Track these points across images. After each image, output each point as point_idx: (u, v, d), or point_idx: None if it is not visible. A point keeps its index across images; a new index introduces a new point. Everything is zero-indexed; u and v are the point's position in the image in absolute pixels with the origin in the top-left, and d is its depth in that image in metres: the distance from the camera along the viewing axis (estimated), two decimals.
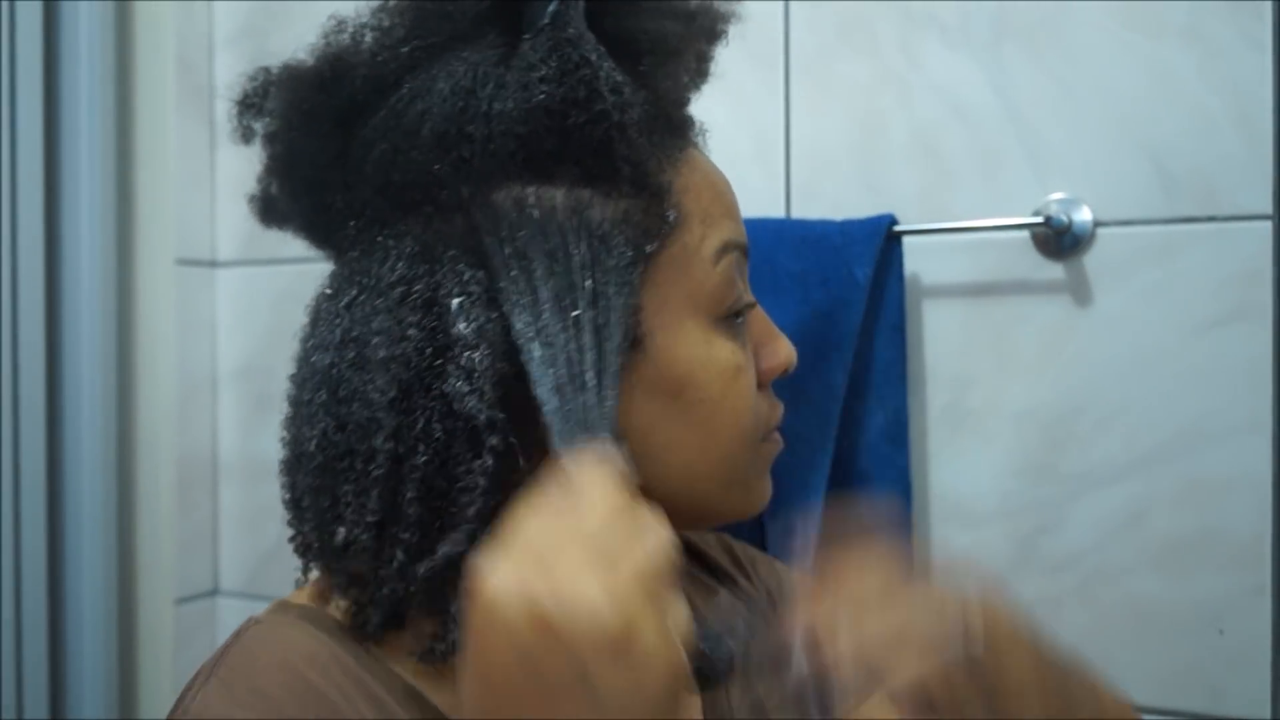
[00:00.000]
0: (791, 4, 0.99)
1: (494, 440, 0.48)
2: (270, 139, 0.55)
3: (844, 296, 0.90)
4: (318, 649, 0.50)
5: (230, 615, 1.28)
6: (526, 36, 0.50)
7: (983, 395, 0.93)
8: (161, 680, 1.24)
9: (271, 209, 0.57)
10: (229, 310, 1.29)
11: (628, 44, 0.53)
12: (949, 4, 0.93)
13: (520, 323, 0.48)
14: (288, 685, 0.48)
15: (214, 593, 1.29)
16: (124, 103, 1.23)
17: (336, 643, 0.51)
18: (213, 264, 1.29)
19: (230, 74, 1.27)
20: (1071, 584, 0.90)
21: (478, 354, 0.48)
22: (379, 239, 0.52)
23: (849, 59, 0.97)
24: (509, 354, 0.48)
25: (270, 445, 1.33)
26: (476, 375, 0.48)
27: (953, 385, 0.94)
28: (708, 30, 0.57)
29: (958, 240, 0.93)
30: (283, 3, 1.23)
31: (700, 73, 0.58)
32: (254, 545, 1.27)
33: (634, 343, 0.50)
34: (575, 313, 0.48)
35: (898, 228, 0.92)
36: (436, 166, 0.50)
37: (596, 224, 0.49)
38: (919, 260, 0.94)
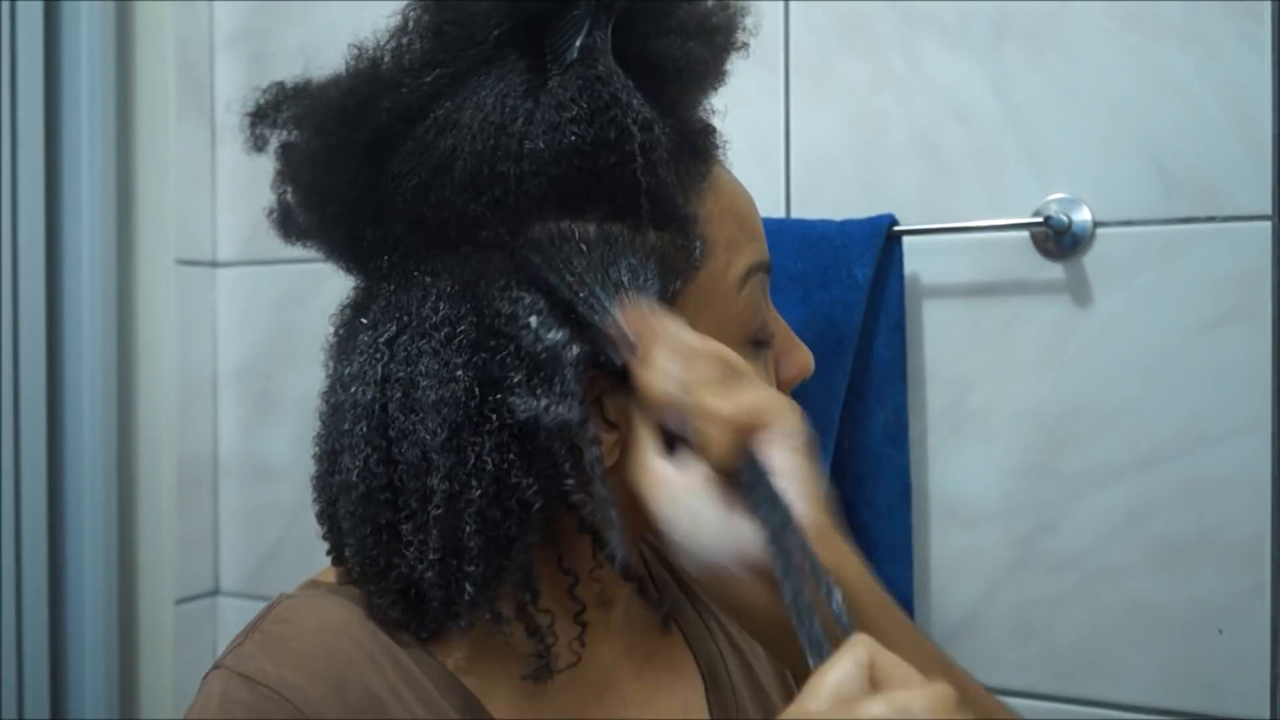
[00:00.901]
0: (791, 4, 0.99)
1: (589, 438, 0.49)
2: (288, 150, 0.55)
3: (844, 297, 0.90)
4: (350, 618, 0.52)
5: (230, 615, 1.28)
6: (554, 72, 0.51)
7: (983, 395, 0.93)
8: (161, 680, 1.24)
9: (291, 222, 0.57)
10: (229, 310, 1.29)
11: (654, 71, 0.53)
12: (949, 4, 0.93)
13: (604, 331, 0.49)
14: (323, 646, 0.50)
15: (214, 593, 1.29)
16: (124, 103, 1.24)
17: (369, 617, 0.52)
18: (213, 264, 1.29)
19: (230, 74, 1.29)
20: (1071, 584, 0.90)
21: (571, 354, 0.49)
22: (415, 274, 0.52)
23: (849, 59, 0.97)
24: (595, 359, 0.50)
25: (271, 445, 1.34)
26: (571, 378, 0.48)
27: (953, 385, 0.94)
28: (725, 44, 0.57)
29: (958, 240, 0.93)
30: (283, 3, 1.23)
31: (719, 77, 0.58)
32: (254, 545, 1.27)
33: None
34: None
35: (898, 228, 0.92)
36: (471, 206, 0.50)
37: (634, 255, 0.50)
38: (919, 260, 0.94)
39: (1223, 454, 0.85)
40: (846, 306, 0.90)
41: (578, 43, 0.50)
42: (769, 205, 1.00)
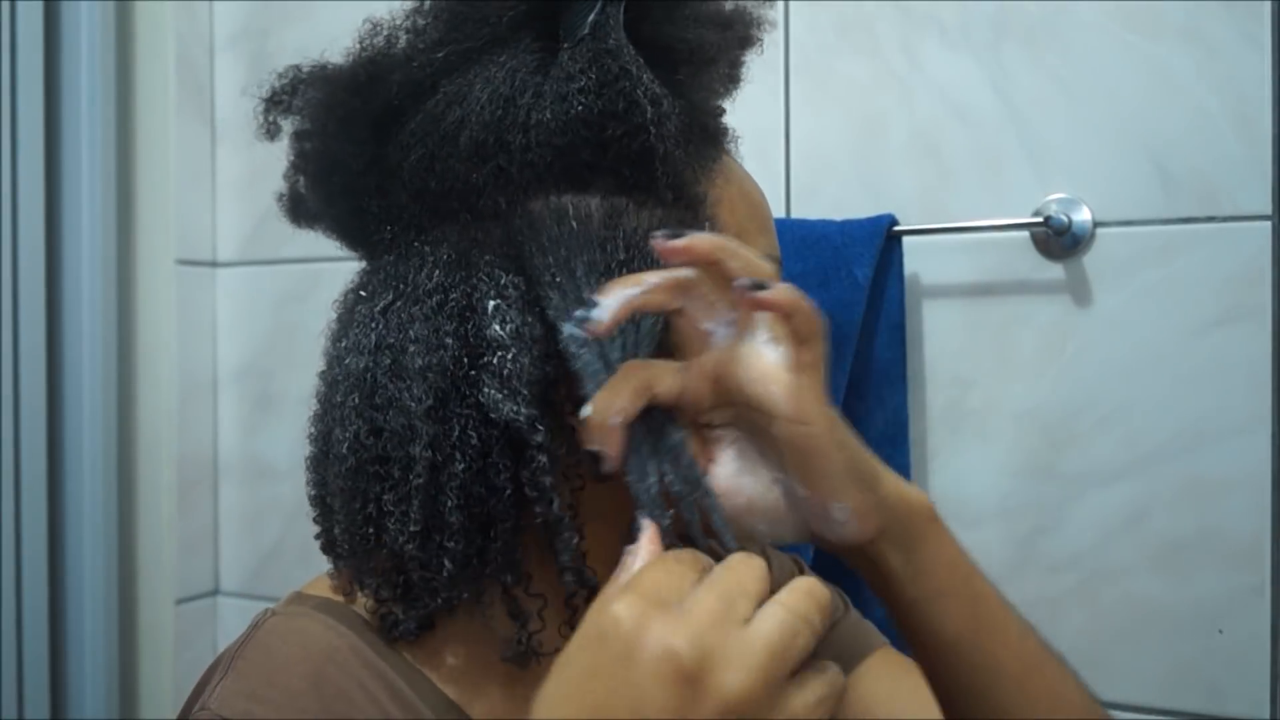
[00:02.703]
0: (791, 4, 0.99)
1: (539, 439, 0.48)
2: (300, 137, 0.55)
3: (844, 297, 0.90)
4: (337, 642, 0.50)
5: (230, 615, 1.28)
6: (565, 46, 0.51)
7: (983, 395, 0.93)
8: (161, 680, 1.24)
9: (301, 207, 0.57)
10: (229, 310, 1.29)
11: (665, 52, 0.53)
12: (949, 4, 0.93)
13: (559, 319, 0.48)
14: (306, 678, 0.48)
15: (214, 593, 1.29)
16: (124, 103, 1.23)
17: (358, 636, 0.51)
18: (213, 264, 1.29)
19: (230, 74, 1.29)
20: (1071, 584, 0.90)
21: (510, 355, 0.48)
22: (415, 244, 0.52)
23: (849, 59, 0.97)
24: (546, 357, 0.48)
25: (270, 445, 1.34)
26: (512, 378, 0.48)
27: (953, 385, 0.94)
28: (742, 37, 0.57)
29: (958, 240, 0.93)
30: (283, 3, 1.23)
31: (733, 79, 0.58)
32: (254, 545, 1.27)
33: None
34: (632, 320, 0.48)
35: (898, 228, 0.92)
36: (474, 175, 0.50)
37: (633, 232, 0.49)
38: (919, 260, 0.94)
39: (1223, 454, 0.85)
40: (846, 306, 0.90)
41: (590, 19, 0.50)
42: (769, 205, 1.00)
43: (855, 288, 0.90)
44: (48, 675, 1.15)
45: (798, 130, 1.00)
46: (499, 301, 0.49)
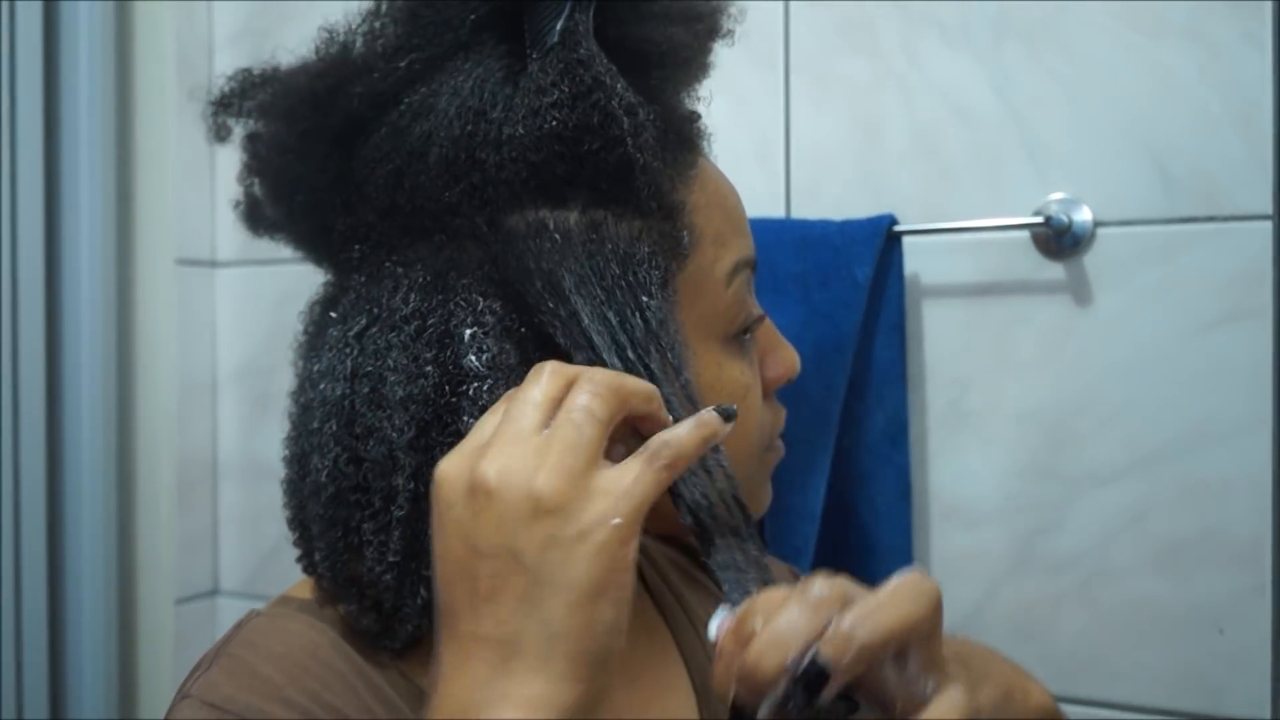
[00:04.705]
0: (791, 4, 0.99)
1: None
2: (254, 140, 0.53)
3: (844, 297, 0.90)
4: (319, 639, 0.50)
5: (230, 615, 1.28)
6: (534, 55, 0.49)
7: (983, 395, 0.93)
8: (161, 680, 1.24)
9: (259, 215, 0.55)
10: (229, 310, 1.29)
11: (636, 56, 0.51)
12: (949, 4, 0.93)
13: (566, 340, 0.47)
14: (289, 672, 0.48)
15: (214, 593, 1.29)
16: (124, 103, 1.23)
17: (341, 636, 0.51)
18: (213, 264, 1.29)
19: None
20: (1071, 584, 0.90)
21: (487, 386, 0.47)
22: (386, 265, 0.50)
23: (849, 59, 0.97)
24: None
25: (271, 445, 1.33)
26: (487, 409, 0.47)
27: (953, 385, 0.94)
28: (710, 29, 0.55)
29: (958, 240, 0.93)
30: (282, 3, 1.23)
31: (703, 69, 0.57)
32: (254, 545, 1.27)
33: None
34: (634, 331, 0.47)
35: (898, 228, 0.92)
36: (446, 193, 0.49)
37: (618, 244, 0.48)
38: (919, 260, 0.94)
39: (1223, 454, 0.85)
40: (846, 306, 0.90)
41: (558, 26, 0.48)
42: (769, 205, 1.00)
43: (855, 288, 0.90)
44: (47, 675, 1.15)
45: (798, 130, 1.00)
46: (475, 329, 0.48)
